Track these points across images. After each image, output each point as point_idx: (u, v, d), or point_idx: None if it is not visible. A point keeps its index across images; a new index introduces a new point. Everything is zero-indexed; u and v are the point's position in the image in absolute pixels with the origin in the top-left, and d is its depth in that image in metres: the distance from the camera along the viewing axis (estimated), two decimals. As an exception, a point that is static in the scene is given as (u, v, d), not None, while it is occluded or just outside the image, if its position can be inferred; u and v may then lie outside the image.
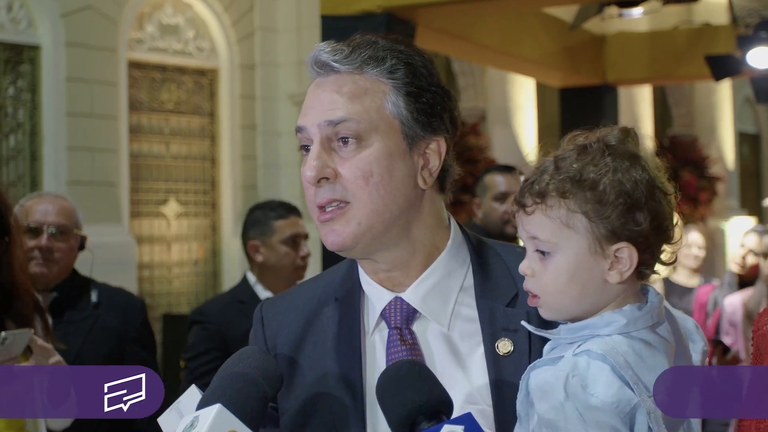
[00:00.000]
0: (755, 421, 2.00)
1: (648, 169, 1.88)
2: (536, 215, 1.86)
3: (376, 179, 2.00)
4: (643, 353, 1.81)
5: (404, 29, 8.42)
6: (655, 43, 13.40)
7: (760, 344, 2.10)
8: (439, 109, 2.08)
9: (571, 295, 1.86)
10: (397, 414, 1.70)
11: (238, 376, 1.83)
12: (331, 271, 2.28)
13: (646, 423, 1.77)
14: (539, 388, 1.81)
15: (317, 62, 2.07)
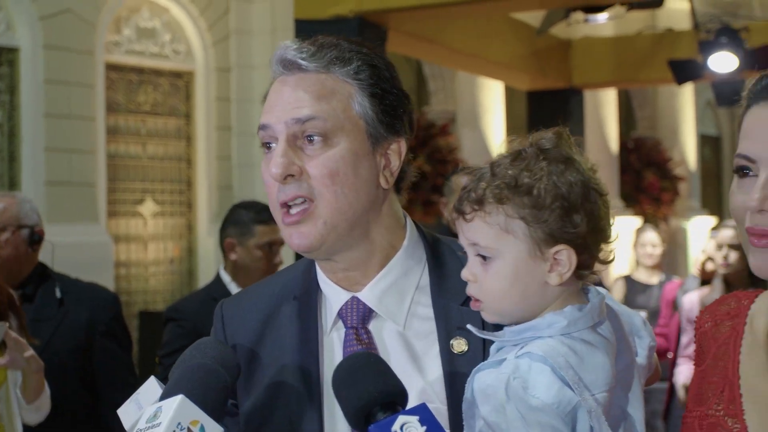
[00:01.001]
0: (698, 418, 2.02)
1: (582, 171, 1.86)
2: (475, 222, 1.85)
3: (341, 178, 1.99)
4: (583, 353, 1.80)
5: (376, 33, 8.44)
6: (620, 48, 13.48)
7: (702, 342, 2.10)
8: (401, 112, 2.07)
9: (512, 299, 1.85)
10: (353, 405, 1.69)
11: (199, 367, 1.82)
12: (289, 269, 2.27)
13: (588, 422, 1.76)
14: (482, 391, 1.80)
15: (283, 60, 2.04)
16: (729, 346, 2.03)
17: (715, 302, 2.17)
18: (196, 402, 1.73)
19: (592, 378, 1.79)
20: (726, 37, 11.09)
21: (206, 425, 1.72)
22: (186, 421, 1.70)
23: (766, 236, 1.82)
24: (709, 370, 2.04)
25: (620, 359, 1.91)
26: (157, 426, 1.69)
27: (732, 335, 2.04)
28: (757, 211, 1.81)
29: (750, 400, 1.93)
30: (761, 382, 1.93)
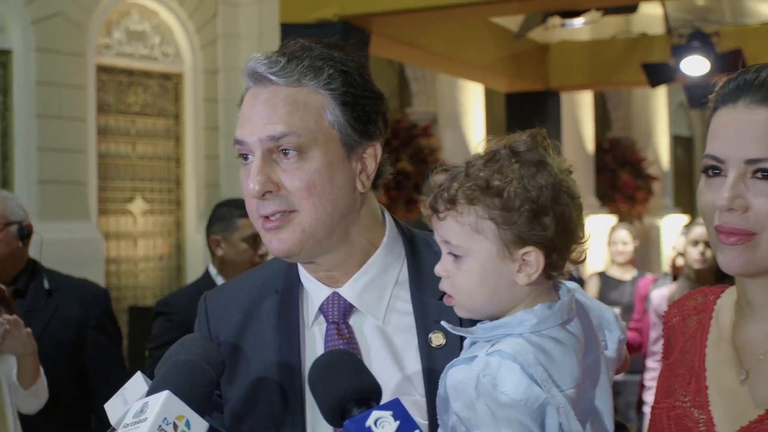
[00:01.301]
0: (665, 410, 2.03)
1: (554, 173, 1.85)
2: (448, 221, 1.85)
3: (319, 189, 1.97)
4: (552, 351, 1.81)
5: (359, 37, 8.43)
6: (596, 52, 13.50)
7: (670, 336, 2.12)
8: (374, 115, 2.05)
9: (482, 296, 1.85)
10: (328, 402, 1.68)
11: (184, 363, 1.82)
12: (271, 263, 2.25)
13: (556, 418, 1.76)
14: (454, 388, 1.81)
15: (254, 74, 2.01)
16: (696, 339, 2.05)
17: (682, 297, 2.19)
18: (181, 397, 1.73)
19: (560, 375, 1.80)
20: (698, 41, 11.13)
21: (191, 420, 1.72)
22: (172, 416, 1.70)
23: (734, 234, 1.83)
24: (677, 363, 2.06)
25: (588, 354, 1.92)
26: (144, 421, 1.69)
27: (699, 329, 2.06)
28: (726, 210, 1.83)
29: (715, 391, 1.95)
30: (726, 374, 1.95)
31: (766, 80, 1.84)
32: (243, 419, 2.09)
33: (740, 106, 1.85)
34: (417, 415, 1.95)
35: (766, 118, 1.81)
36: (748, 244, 1.83)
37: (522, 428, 1.73)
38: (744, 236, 1.83)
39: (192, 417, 1.72)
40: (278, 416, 2.04)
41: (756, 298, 1.92)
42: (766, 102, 1.82)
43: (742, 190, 1.82)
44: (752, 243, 1.83)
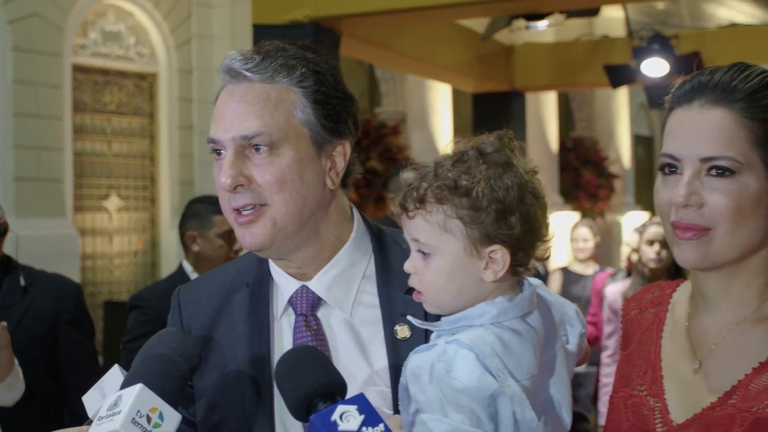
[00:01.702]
0: (623, 398, 2.06)
1: (520, 174, 1.86)
2: (417, 219, 1.85)
3: (289, 184, 1.98)
4: (511, 342, 1.82)
5: (330, 38, 8.42)
6: (559, 53, 13.56)
7: (628, 328, 2.15)
8: (344, 115, 2.06)
9: (450, 293, 1.86)
10: (295, 397, 1.68)
11: (158, 356, 1.81)
12: (243, 258, 2.26)
13: (510, 407, 1.77)
14: (412, 372, 1.82)
15: (229, 70, 2.02)
16: (652, 331, 2.08)
17: (640, 291, 2.21)
18: (155, 390, 1.72)
19: (516, 366, 1.81)
20: (658, 44, 11.21)
21: (165, 412, 1.71)
22: (145, 409, 1.69)
23: (690, 229, 1.86)
24: (634, 354, 2.09)
25: (548, 348, 1.93)
26: (118, 414, 1.68)
27: (655, 321, 2.09)
28: (682, 206, 1.85)
29: (670, 380, 1.98)
30: (681, 364, 1.98)
31: (719, 82, 1.87)
32: (214, 410, 2.09)
33: (695, 106, 1.87)
34: (383, 406, 1.97)
35: (719, 118, 1.84)
36: (703, 239, 1.86)
37: (471, 415, 1.74)
38: (699, 231, 1.85)
39: (165, 409, 1.72)
40: (248, 407, 2.04)
41: (710, 292, 1.95)
42: (719, 103, 1.85)
43: (697, 187, 1.84)
44: (707, 238, 1.85)
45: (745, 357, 1.88)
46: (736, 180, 1.83)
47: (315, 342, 2.04)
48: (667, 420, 1.93)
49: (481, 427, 1.75)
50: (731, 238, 1.85)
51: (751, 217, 1.84)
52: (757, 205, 1.84)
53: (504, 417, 1.78)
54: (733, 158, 1.82)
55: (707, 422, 1.86)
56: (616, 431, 2.02)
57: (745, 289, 1.92)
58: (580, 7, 10.74)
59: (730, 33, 13.76)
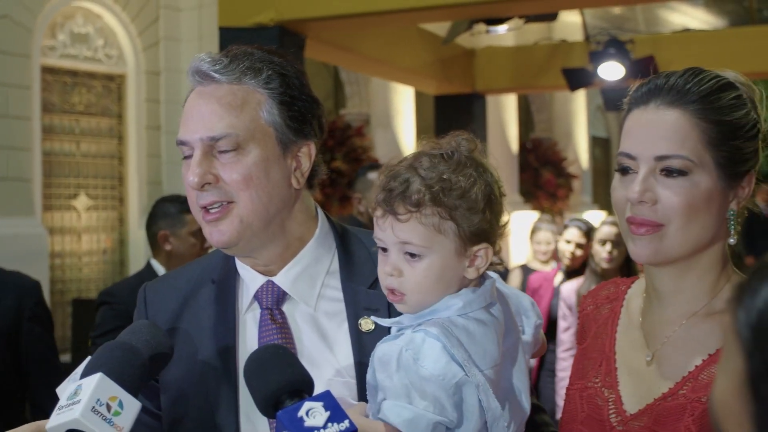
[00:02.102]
0: (578, 390, 2.08)
1: (492, 172, 1.90)
2: (411, 222, 1.83)
3: (255, 182, 2.00)
4: (475, 332, 1.83)
5: (295, 41, 8.41)
6: (519, 57, 13.62)
7: (585, 323, 2.18)
8: (310, 117, 2.08)
9: (437, 292, 1.86)
10: (262, 394, 1.69)
11: (117, 345, 1.81)
12: (209, 256, 2.28)
13: (475, 395, 1.79)
14: (379, 360, 1.82)
15: (198, 72, 2.04)
16: (607, 325, 2.11)
17: (596, 288, 2.25)
18: (114, 379, 1.72)
19: (481, 355, 1.83)
20: (614, 48, 11.28)
21: (124, 400, 1.71)
22: (105, 397, 1.69)
23: (644, 225, 1.89)
24: (590, 347, 2.12)
25: (508, 337, 1.95)
26: (77, 403, 1.68)
27: (610, 316, 2.12)
28: (637, 203, 1.88)
29: (624, 372, 2.01)
30: (634, 356, 2.01)
31: (675, 85, 1.90)
32: (179, 402, 2.09)
33: (651, 108, 1.91)
34: (348, 396, 1.98)
35: (674, 119, 1.87)
36: (657, 234, 1.88)
37: (435, 402, 1.75)
38: (653, 227, 1.88)
39: (125, 397, 1.71)
40: (213, 399, 2.05)
41: (662, 286, 1.98)
42: (674, 104, 1.88)
43: (651, 185, 1.88)
44: (660, 234, 1.88)
45: (695, 349, 1.91)
46: (689, 178, 1.86)
47: (280, 335, 2.05)
48: (621, 410, 1.96)
49: (444, 415, 1.76)
50: (683, 234, 1.88)
51: (703, 215, 1.88)
52: (708, 202, 1.87)
53: (469, 405, 1.79)
54: (686, 157, 1.85)
55: (659, 412, 1.88)
56: (572, 422, 2.05)
57: (696, 284, 1.95)
58: (539, 11, 10.79)
59: (683, 38, 13.89)
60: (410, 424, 1.74)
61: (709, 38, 13.73)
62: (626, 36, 12.05)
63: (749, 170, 1.93)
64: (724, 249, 1.95)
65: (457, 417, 1.78)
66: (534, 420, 2.07)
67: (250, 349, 2.01)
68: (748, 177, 1.93)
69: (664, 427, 1.86)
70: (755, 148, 1.92)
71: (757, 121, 1.92)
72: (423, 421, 1.74)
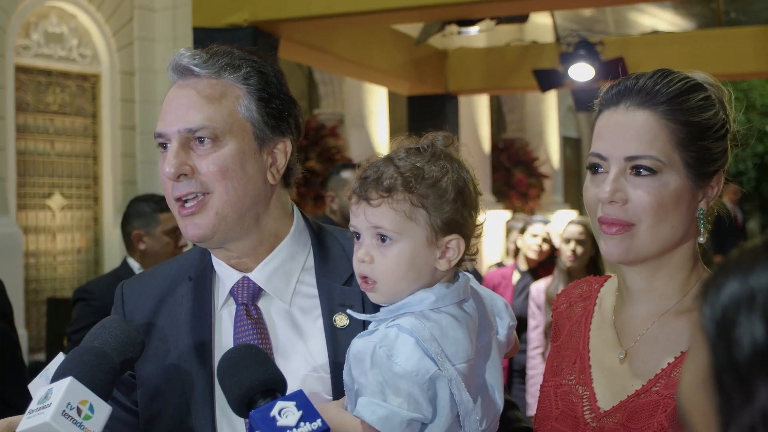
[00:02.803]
0: (553, 387, 2.09)
1: (470, 171, 1.93)
2: (382, 207, 1.86)
3: (231, 174, 2.01)
4: (448, 327, 1.84)
5: (269, 42, 8.39)
6: (491, 58, 13.64)
7: (558, 322, 2.20)
8: (286, 115, 2.10)
9: (407, 280, 1.88)
10: (236, 393, 1.69)
11: (87, 350, 1.80)
12: (186, 254, 2.29)
13: (448, 389, 1.80)
14: (354, 356, 1.84)
15: (178, 66, 2.06)
16: (581, 324, 2.12)
17: (570, 286, 2.26)
18: (85, 383, 1.71)
19: (453, 350, 1.84)
20: (584, 50, 11.32)
21: (95, 404, 1.71)
22: (75, 401, 1.68)
23: (615, 224, 1.90)
24: (564, 345, 2.13)
25: (482, 335, 1.96)
26: (48, 407, 1.67)
27: (584, 314, 2.13)
28: (608, 202, 1.90)
29: (598, 369, 2.02)
30: (607, 354, 2.02)
31: (644, 86, 1.92)
32: (155, 398, 2.10)
33: (621, 109, 1.92)
34: (322, 392, 2.00)
35: (643, 120, 1.89)
36: (627, 233, 1.90)
37: (409, 399, 1.76)
38: (624, 226, 1.90)
39: (95, 401, 1.71)
40: (189, 394, 2.05)
41: (634, 284, 1.99)
42: (644, 105, 1.90)
43: (622, 184, 1.89)
44: (631, 233, 1.90)
45: (667, 347, 1.92)
46: (659, 178, 1.88)
47: (255, 330, 2.06)
48: (595, 407, 1.97)
49: (419, 411, 1.77)
50: (654, 233, 1.89)
51: (673, 214, 1.89)
52: (678, 202, 1.89)
53: (442, 399, 1.80)
54: (656, 157, 1.87)
55: (633, 408, 1.90)
56: (546, 418, 2.06)
57: (667, 282, 1.96)
58: (510, 13, 10.81)
59: (652, 40, 13.97)
60: (385, 421, 1.75)
61: (677, 40, 13.82)
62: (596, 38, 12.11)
63: (718, 170, 1.94)
64: (694, 248, 1.97)
65: (431, 412, 1.79)
66: (506, 416, 2.08)
67: (225, 345, 2.03)
68: (716, 177, 1.95)
69: (637, 423, 1.87)
70: (724, 148, 1.94)
71: (726, 122, 1.94)
72: (397, 418, 1.75)
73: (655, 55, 11.74)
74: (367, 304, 2.01)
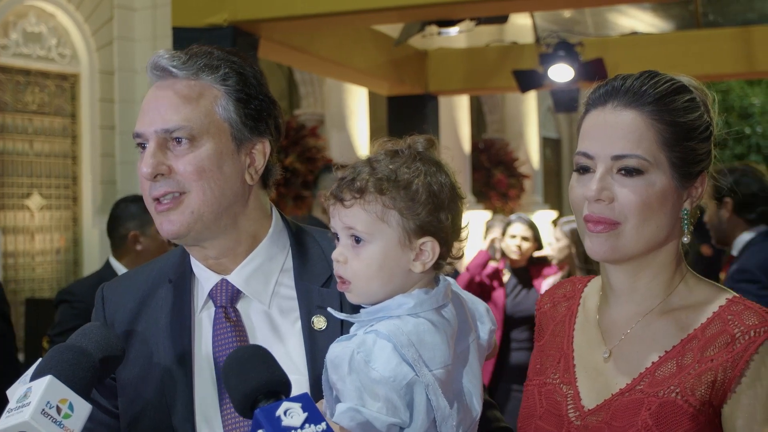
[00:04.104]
0: (537, 386, 2.10)
1: (449, 175, 1.93)
2: (355, 208, 1.87)
3: (208, 174, 2.01)
4: (426, 332, 1.85)
5: (249, 42, 8.36)
6: (471, 59, 13.65)
7: (542, 321, 2.22)
8: (265, 115, 2.10)
9: (379, 281, 1.88)
10: (240, 393, 1.68)
11: (68, 348, 1.80)
12: (165, 256, 2.29)
13: (425, 395, 1.80)
14: (331, 362, 1.84)
15: (156, 67, 2.06)
16: (565, 323, 2.13)
17: (553, 286, 2.28)
18: (64, 381, 1.71)
19: (431, 355, 1.84)
20: (563, 51, 11.33)
21: (75, 403, 1.70)
22: (55, 400, 1.68)
23: (601, 223, 1.92)
24: (548, 344, 2.14)
25: (461, 340, 1.97)
26: (27, 405, 1.66)
27: (568, 314, 2.14)
28: (594, 201, 1.91)
29: (582, 369, 2.03)
30: (592, 353, 2.04)
31: (631, 87, 1.94)
32: (136, 401, 2.09)
33: (609, 108, 1.94)
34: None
35: (630, 119, 1.91)
36: (613, 232, 1.91)
37: (387, 404, 1.77)
38: (609, 225, 1.91)
39: (75, 400, 1.70)
40: (169, 398, 2.05)
41: (618, 284, 2.01)
42: (630, 105, 1.92)
43: (609, 183, 1.91)
44: (616, 231, 1.91)
45: (651, 346, 1.94)
46: (645, 178, 1.90)
47: (234, 333, 2.06)
48: (579, 406, 1.98)
49: (397, 416, 1.77)
50: (639, 232, 1.91)
51: (658, 213, 1.91)
52: (663, 201, 1.91)
53: (419, 404, 1.81)
54: (642, 157, 1.89)
55: (617, 407, 1.91)
56: (530, 417, 2.07)
57: (651, 281, 1.98)
58: (490, 14, 10.82)
59: (631, 41, 14.01)
60: (364, 427, 1.75)
61: (656, 41, 13.87)
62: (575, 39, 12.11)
63: (702, 171, 1.97)
64: (677, 247, 2.00)
65: (409, 416, 1.80)
66: (486, 416, 2.09)
67: (205, 349, 2.03)
68: (701, 177, 1.97)
69: (621, 421, 1.89)
70: (708, 150, 1.97)
71: (710, 124, 1.97)
72: (377, 423, 1.76)
73: (634, 57, 11.77)
74: (345, 306, 2.01)
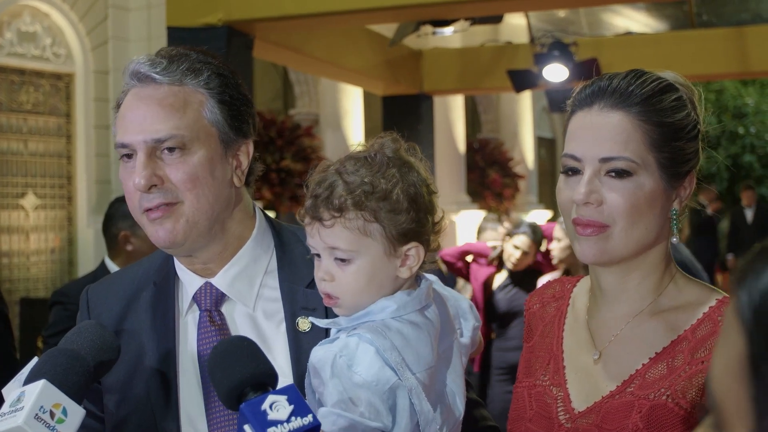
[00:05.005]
0: (527, 388, 2.09)
1: (420, 171, 1.89)
2: (336, 228, 1.83)
3: (201, 181, 1.98)
4: (409, 335, 1.83)
5: (243, 41, 8.36)
6: (466, 58, 13.65)
7: (531, 322, 2.20)
8: (247, 116, 2.08)
9: (369, 293, 1.86)
10: (226, 386, 1.66)
11: (62, 352, 1.78)
12: (149, 258, 2.26)
13: (408, 398, 1.79)
14: (313, 365, 1.83)
15: (136, 74, 2.00)
16: (554, 324, 2.11)
17: (542, 287, 2.25)
18: (58, 386, 1.69)
19: (414, 358, 1.82)
20: (558, 50, 11.34)
21: (68, 407, 1.68)
22: (48, 405, 1.66)
23: (590, 226, 1.90)
24: (537, 346, 2.12)
25: (444, 339, 1.95)
26: (20, 410, 1.64)
27: (557, 315, 2.12)
28: (582, 204, 1.89)
29: (572, 370, 2.01)
30: (581, 355, 2.02)
31: (618, 87, 1.91)
32: (121, 405, 2.08)
33: (595, 110, 1.91)
34: None
35: (617, 121, 1.88)
36: (602, 235, 1.89)
37: (370, 408, 1.75)
38: (598, 228, 1.89)
39: (69, 404, 1.68)
40: (154, 401, 2.03)
41: (608, 286, 1.99)
42: (617, 106, 1.89)
43: (597, 186, 1.88)
44: (605, 234, 1.89)
45: (642, 348, 1.92)
46: (633, 180, 1.87)
47: (219, 336, 2.04)
48: (569, 408, 1.96)
49: (379, 420, 1.76)
50: (628, 235, 1.89)
51: (647, 215, 1.89)
52: (652, 203, 1.89)
53: (402, 408, 1.79)
54: (630, 159, 1.87)
55: (607, 409, 1.90)
56: (520, 419, 2.05)
57: (641, 283, 1.96)
58: (485, 14, 10.82)
59: (625, 41, 14.01)
60: (346, 431, 1.74)
61: (650, 41, 13.87)
62: (570, 39, 12.12)
63: (690, 170, 1.95)
64: (667, 248, 1.97)
65: (392, 420, 1.78)
66: (473, 415, 2.08)
67: (190, 352, 2.02)
68: (689, 177, 1.95)
69: (611, 424, 1.87)
70: (696, 149, 1.95)
71: (697, 122, 1.95)
72: (359, 427, 1.75)
73: (628, 56, 11.78)
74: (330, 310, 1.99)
